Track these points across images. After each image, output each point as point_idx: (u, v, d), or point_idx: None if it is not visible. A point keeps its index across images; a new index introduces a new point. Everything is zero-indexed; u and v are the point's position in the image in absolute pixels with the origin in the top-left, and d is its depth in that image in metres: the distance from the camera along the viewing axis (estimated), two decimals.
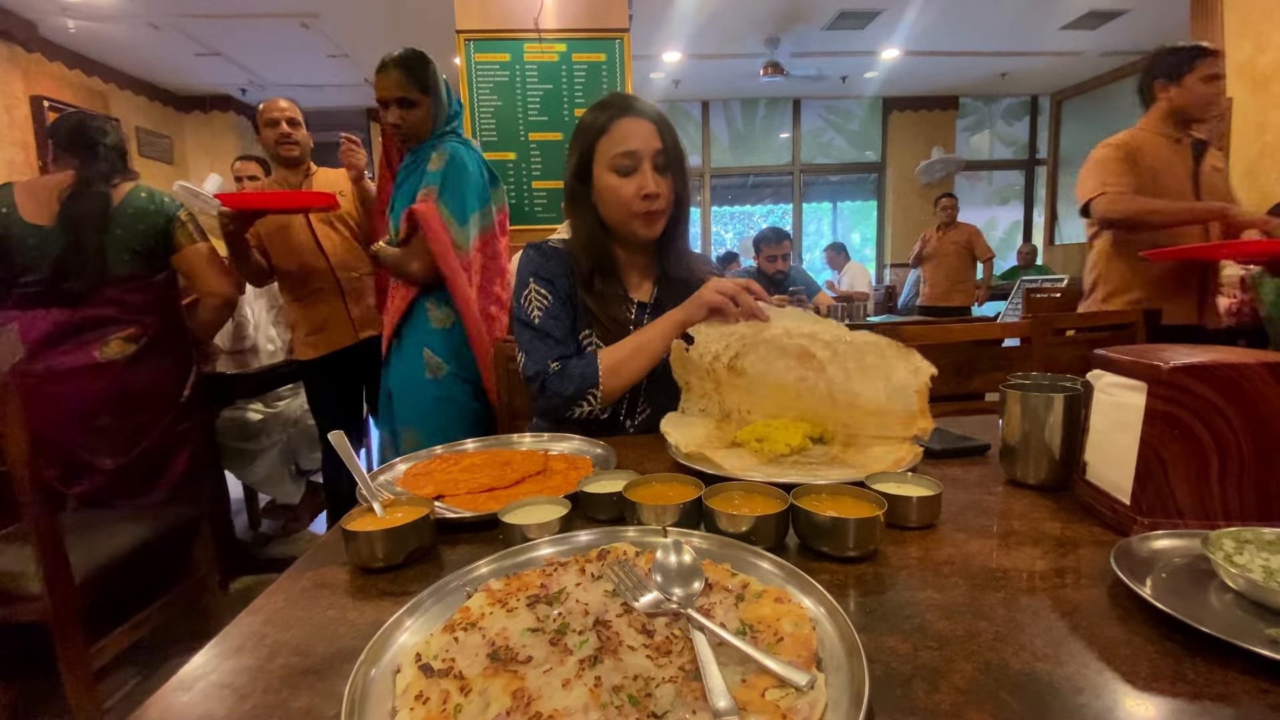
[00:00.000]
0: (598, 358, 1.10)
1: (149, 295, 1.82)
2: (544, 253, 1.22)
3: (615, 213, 1.17)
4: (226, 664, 0.50)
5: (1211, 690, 0.42)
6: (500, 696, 0.41)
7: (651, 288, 1.27)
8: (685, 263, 1.27)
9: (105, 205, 1.75)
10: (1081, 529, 0.68)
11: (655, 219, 1.17)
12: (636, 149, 1.12)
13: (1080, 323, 2.27)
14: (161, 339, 1.83)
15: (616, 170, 1.14)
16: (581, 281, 1.20)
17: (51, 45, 4.95)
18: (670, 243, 1.24)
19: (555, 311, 1.17)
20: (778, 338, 0.99)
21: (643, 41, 5.36)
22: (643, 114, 1.14)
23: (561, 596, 0.52)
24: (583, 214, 1.20)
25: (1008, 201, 8.36)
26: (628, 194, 1.14)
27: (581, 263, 1.20)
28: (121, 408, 1.73)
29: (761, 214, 8.46)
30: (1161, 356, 0.64)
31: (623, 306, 1.22)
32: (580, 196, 1.20)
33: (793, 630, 0.46)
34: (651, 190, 1.13)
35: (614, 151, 1.13)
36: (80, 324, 1.71)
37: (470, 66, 2.97)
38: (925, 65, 6.41)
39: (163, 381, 1.84)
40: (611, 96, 1.17)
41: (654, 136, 1.13)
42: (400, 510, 0.70)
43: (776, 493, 0.68)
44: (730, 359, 1.01)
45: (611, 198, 1.15)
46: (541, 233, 3.01)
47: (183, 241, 1.85)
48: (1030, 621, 0.51)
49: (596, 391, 1.09)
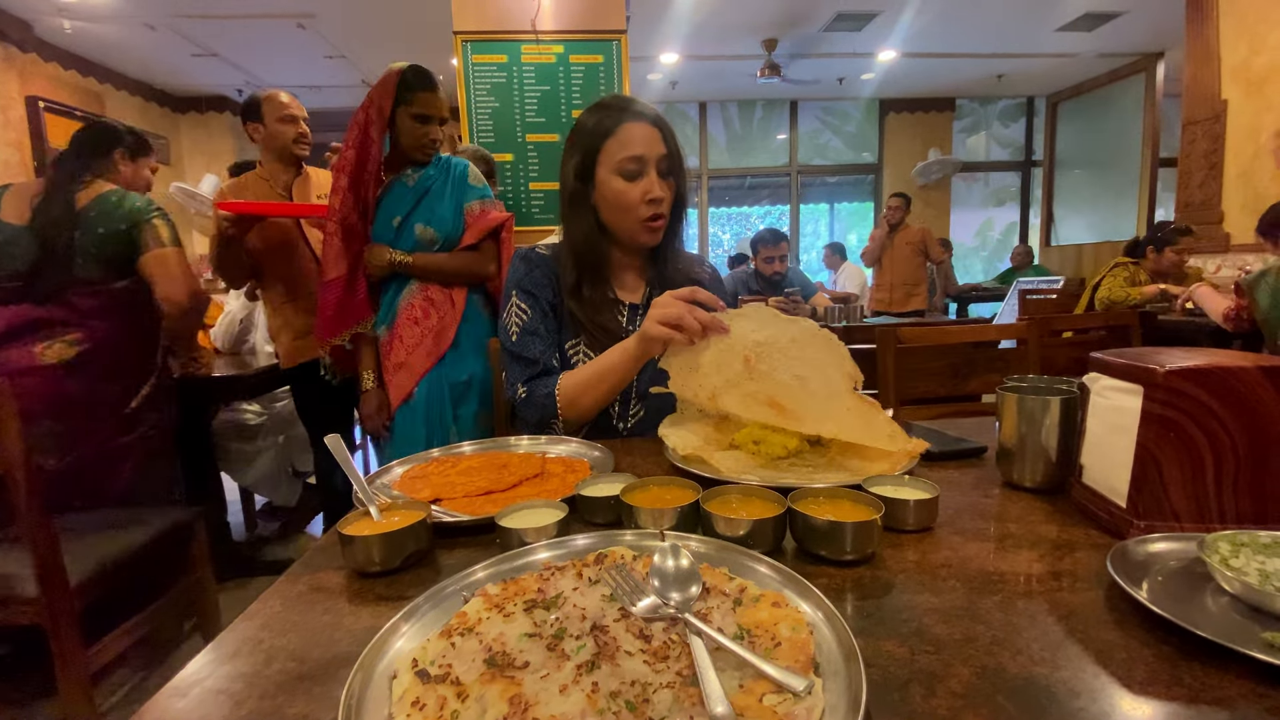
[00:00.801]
0: (556, 387, 1.10)
1: (102, 301, 1.75)
2: (530, 261, 1.22)
3: (619, 217, 1.17)
4: (222, 669, 0.49)
5: (1208, 694, 0.42)
6: (497, 702, 0.41)
7: (645, 289, 1.27)
8: (678, 264, 1.27)
9: (67, 208, 1.72)
10: (1078, 532, 0.68)
11: (658, 225, 1.17)
12: (643, 154, 1.12)
13: (1077, 324, 2.28)
14: (107, 347, 1.75)
15: (623, 174, 1.13)
16: (568, 290, 1.19)
17: (47, 46, 4.94)
18: (665, 245, 1.24)
19: (533, 326, 1.17)
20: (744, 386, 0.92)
21: (640, 43, 5.36)
22: (647, 118, 1.14)
23: (559, 601, 0.52)
24: (581, 215, 1.19)
25: (1004, 203, 8.39)
26: (633, 198, 1.13)
27: (568, 270, 1.20)
28: (56, 412, 1.66)
29: (759, 215, 8.47)
30: (1158, 360, 0.64)
31: (612, 312, 1.22)
32: (581, 198, 1.19)
33: (790, 635, 0.46)
34: (657, 195, 1.13)
35: (621, 155, 1.13)
36: (34, 323, 1.67)
37: (467, 68, 2.97)
38: (922, 67, 6.43)
39: (102, 391, 1.75)
40: (612, 98, 1.17)
41: (659, 142, 1.14)
42: (397, 514, 0.70)
43: (774, 496, 0.68)
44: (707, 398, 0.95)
45: (617, 201, 1.15)
46: (539, 234, 3.02)
47: (148, 245, 1.79)
48: (1027, 625, 0.51)
49: (558, 421, 1.10)
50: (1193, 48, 4.18)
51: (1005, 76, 6.88)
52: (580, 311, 1.19)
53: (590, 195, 1.19)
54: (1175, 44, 5.42)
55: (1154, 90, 6.26)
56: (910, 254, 5.14)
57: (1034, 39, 5.77)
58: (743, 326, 0.93)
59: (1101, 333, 2.21)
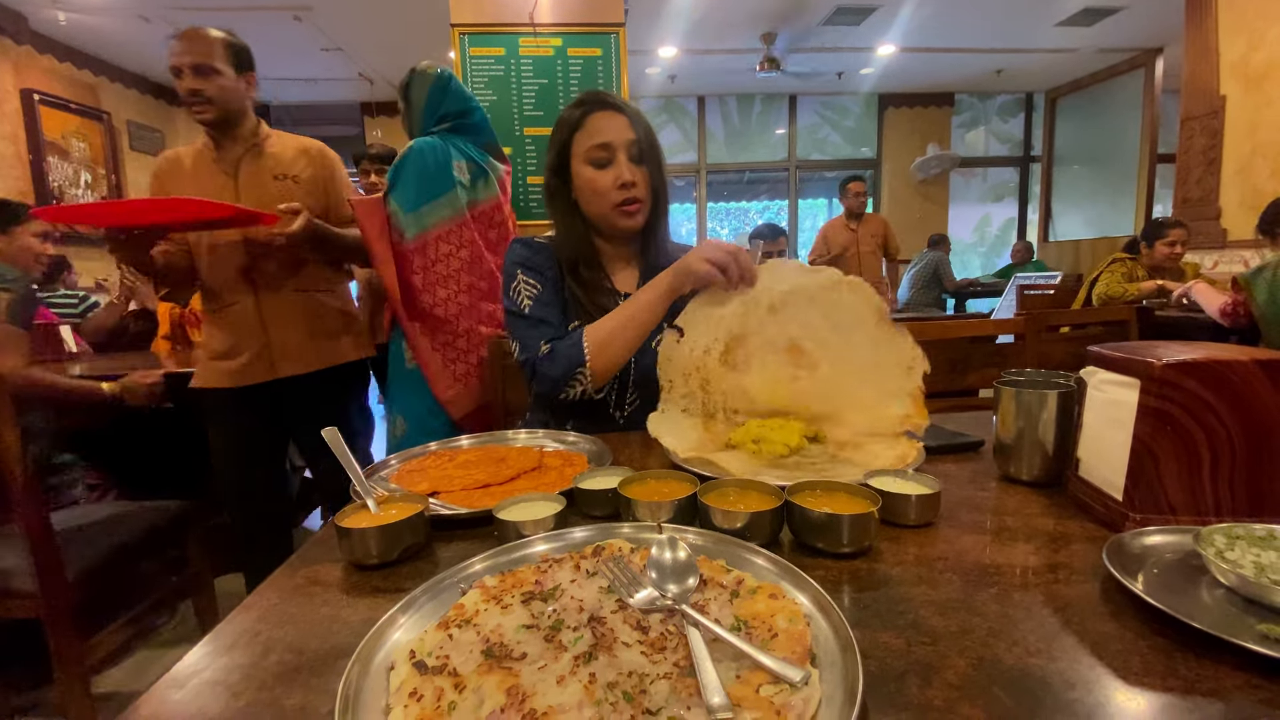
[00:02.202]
0: (583, 334, 1.10)
1: None
2: (530, 246, 1.24)
3: (595, 205, 1.18)
4: (220, 661, 0.49)
5: (1203, 685, 0.42)
6: (494, 693, 0.41)
7: (637, 278, 1.27)
8: (667, 253, 1.27)
9: None
10: (1074, 525, 0.69)
11: (634, 210, 1.18)
12: (610, 140, 1.14)
13: (1074, 319, 2.28)
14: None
15: (592, 163, 1.16)
16: (568, 270, 1.22)
17: (42, 38, 4.90)
18: (652, 233, 1.25)
19: (546, 298, 1.18)
20: (766, 331, 0.98)
21: (638, 36, 5.33)
22: (615, 107, 1.16)
23: (556, 593, 0.52)
24: (563, 209, 1.22)
25: (1002, 198, 8.38)
26: (604, 185, 1.15)
27: (565, 254, 1.22)
28: None
29: (757, 210, 8.46)
30: (1154, 353, 0.64)
31: (609, 296, 1.23)
32: (559, 192, 1.22)
33: (787, 626, 0.46)
34: (627, 179, 1.15)
35: (588, 144, 1.15)
36: None
37: (465, 60, 2.96)
38: (921, 62, 6.41)
39: None
40: (585, 94, 1.20)
41: (627, 128, 1.15)
42: (394, 507, 0.70)
43: (771, 489, 0.68)
44: (721, 353, 1.00)
45: (589, 190, 1.17)
46: (537, 228, 3.01)
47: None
48: (1023, 617, 0.51)
49: (585, 370, 1.08)
50: (1191, 43, 4.17)
51: (1004, 71, 6.86)
52: (580, 292, 1.20)
53: (569, 189, 1.21)
54: (1174, 39, 5.40)
55: (1153, 86, 6.25)
56: (874, 248, 4.67)
57: (1033, 34, 5.76)
58: (768, 280, 0.98)
59: (1098, 328, 2.21)
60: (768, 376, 0.98)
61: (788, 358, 0.97)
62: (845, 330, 0.94)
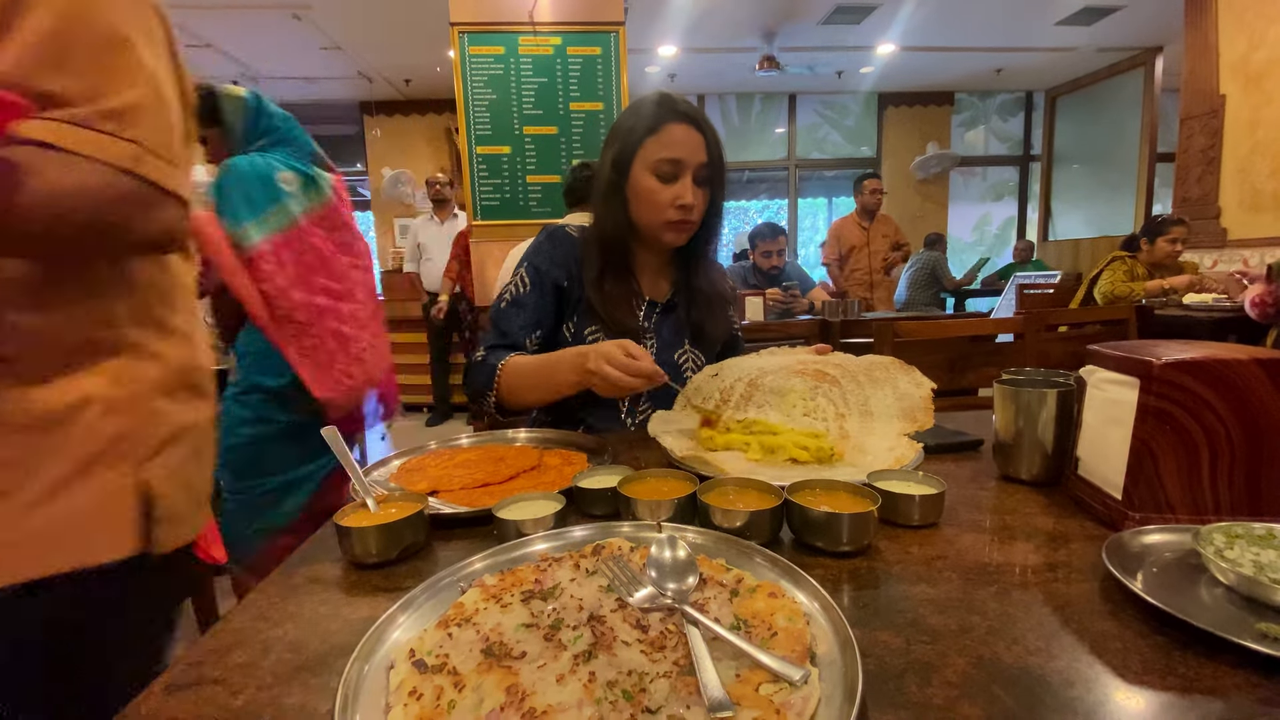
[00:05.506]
0: (501, 368, 1.08)
1: None
2: (555, 239, 1.21)
3: (646, 215, 1.15)
4: (219, 660, 0.49)
5: (1202, 684, 0.42)
6: (494, 692, 0.41)
7: (668, 288, 1.26)
8: (709, 275, 1.26)
9: None
10: (1073, 524, 0.69)
11: (684, 229, 1.15)
12: (682, 158, 1.10)
13: (1073, 318, 2.28)
14: None
15: (657, 174, 1.11)
16: (590, 282, 1.18)
17: None
18: (697, 255, 1.23)
19: (523, 300, 1.16)
20: (789, 365, 0.99)
21: (638, 35, 5.33)
22: (695, 123, 1.11)
23: (556, 592, 0.52)
24: (612, 206, 1.17)
25: (1002, 197, 8.38)
26: (663, 200, 1.11)
27: (592, 258, 1.18)
28: None
29: (757, 209, 8.46)
30: (1154, 352, 0.65)
31: (632, 306, 1.20)
32: (613, 188, 1.16)
33: (786, 625, 0.46)
34: (688, 202, 1.11)
35: (658, 155, 1.10)
36: None
37: (464, 59, 2.95)
38: (921, 61, 6.41)
39: None
40: (662, 95, 1.14)
41: (701, 149, 1.11)
42: (394, 506, 0.70)
43: (771, 488, 0.68)
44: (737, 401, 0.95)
45: (646, 200, 1.13)
46: (536, 228, 3.00)
47: None
48: (1022, 616, 0.51)
49: (491, 395, 1.09)
50: (1191, 42, 4.17)
51: (1004, 70, 6.86)
52: (600, 306, 1.17)
53: (624, 188, 1.16)
54: (1174, 39, 5.40)
55: (1152, 85, 6.25)
56: (885, 248, 4.59)
57: (1033, 33, 5.76)
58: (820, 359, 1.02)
59: (1097, 327, 2.21)
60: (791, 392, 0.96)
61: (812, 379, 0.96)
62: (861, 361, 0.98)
